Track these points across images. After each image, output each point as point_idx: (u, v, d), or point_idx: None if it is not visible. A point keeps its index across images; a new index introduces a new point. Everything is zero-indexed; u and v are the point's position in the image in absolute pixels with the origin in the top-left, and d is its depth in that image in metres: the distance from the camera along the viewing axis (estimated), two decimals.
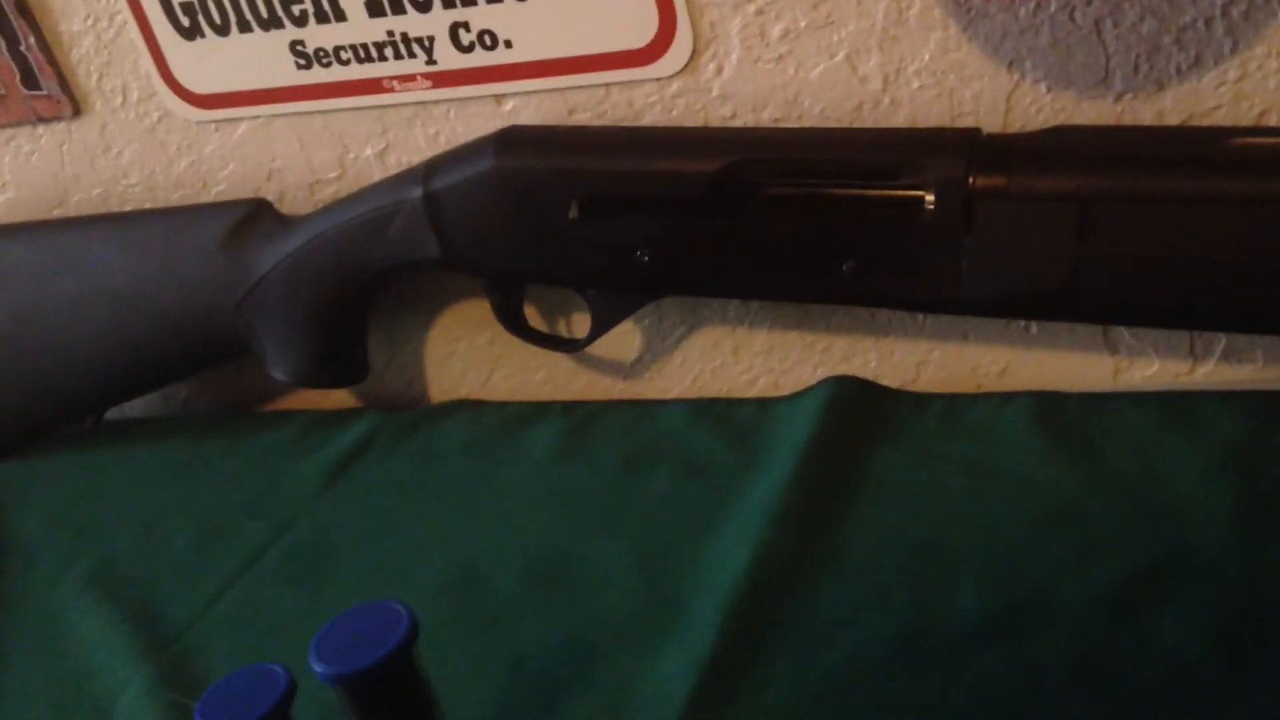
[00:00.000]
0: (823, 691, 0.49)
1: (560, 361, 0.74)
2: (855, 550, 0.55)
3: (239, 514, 0.70)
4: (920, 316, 0.65)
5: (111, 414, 0.80)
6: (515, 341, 0.72)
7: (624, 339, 0.71)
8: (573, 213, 0.57)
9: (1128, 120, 0.57)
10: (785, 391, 0.68)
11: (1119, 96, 0.57)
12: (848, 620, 0.52)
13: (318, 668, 0.41)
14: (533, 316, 0.71)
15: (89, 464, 0.77)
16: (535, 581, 0.59)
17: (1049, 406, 0.60)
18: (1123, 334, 0.62)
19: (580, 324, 0.71)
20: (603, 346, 0.71)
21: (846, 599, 0.53)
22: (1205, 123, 0.56)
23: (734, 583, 0.54)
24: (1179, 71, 0.55)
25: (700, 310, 0.69)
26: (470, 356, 0.76)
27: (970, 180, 0.53)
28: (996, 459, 0.58)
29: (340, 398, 0.80)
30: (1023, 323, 0.63)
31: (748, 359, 0.69)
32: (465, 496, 0.67)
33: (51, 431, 0.78)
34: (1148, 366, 0.62)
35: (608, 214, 0.57)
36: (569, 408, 0.72)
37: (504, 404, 0.75)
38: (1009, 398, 0.62)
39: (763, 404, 0.67)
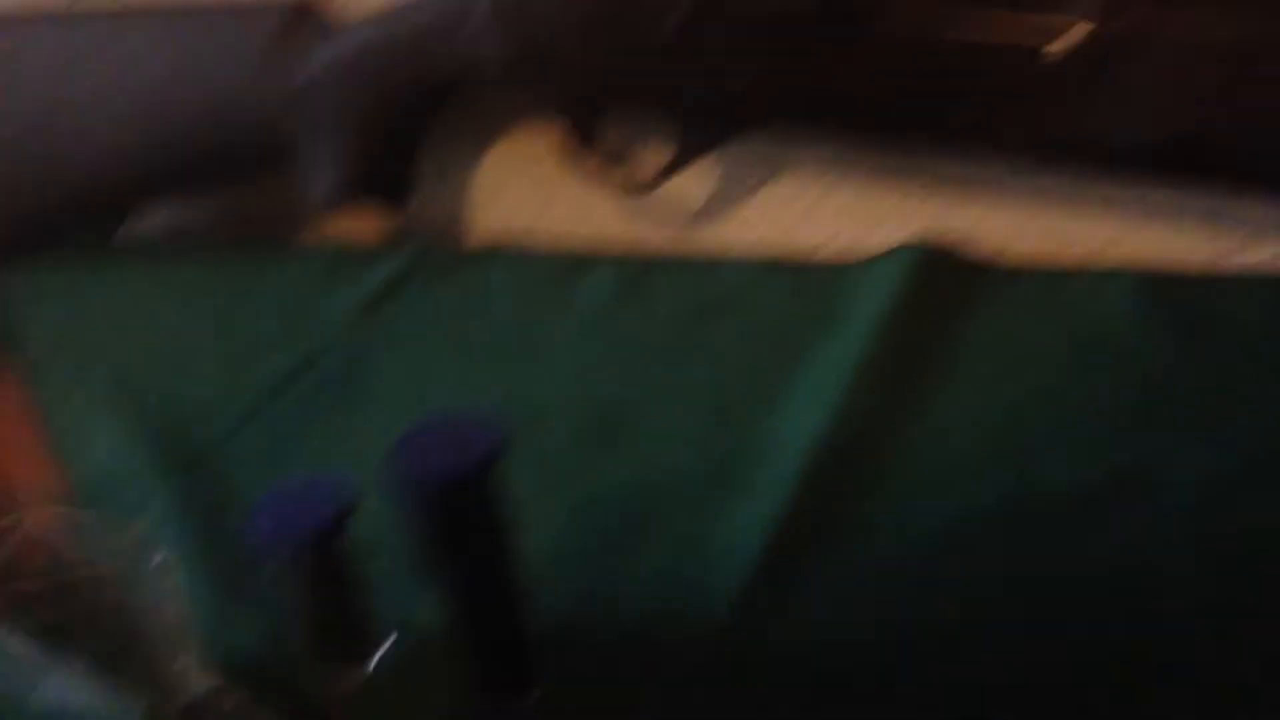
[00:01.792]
0: (908, 559, 0.46)
1: (615, 208, 0.70)
2: (945, 418, 0.51)
3: (265, 341, 0.65)
4: (1018, 182, 0.60)
5: (124, 233, 0.75)
6: (569, 183, 0.68)
7: (689, 187, 0.66)
8: (672, 21, 0.52)
9: None
10: (863, 255, 0.63)
11: None
12: (938, 488, 0.48)
13: (395, 474, 0.37)
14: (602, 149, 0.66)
15: (101, 279, 0.72)
16: (592, 429, 0.55)
17: (1155, 284, 0.56)
18: (1239, 211, 0.57)
19: (653, 163, 0.65)
20: (665, 194, 0.67)
21: (935, 466, 0.49)
22: None
23: (813, 442, 0.50)
24: None
25: (778, 160, 0.64)
26: (519, 195, 0.71)
27: (1107, 18, 0.48)
28: (1097, 333, 0.54)
29: (371, 232, 0.75)
30: (1129, 195, 0.58)
31: (824, 217, 0.65)
32: (514, 341, 0.62)
33: (68, 234, 0.72)
34: (1261, 249, 0.58)
35: (711, 25, 0.52)
36: (623, 258, 0.67)
37: (551, 250, 0.70)
38: (1111, 274, 0.57)
39: (837, 266, 0.63)
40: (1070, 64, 0.49)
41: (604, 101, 0.60)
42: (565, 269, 0.67)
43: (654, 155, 0.65)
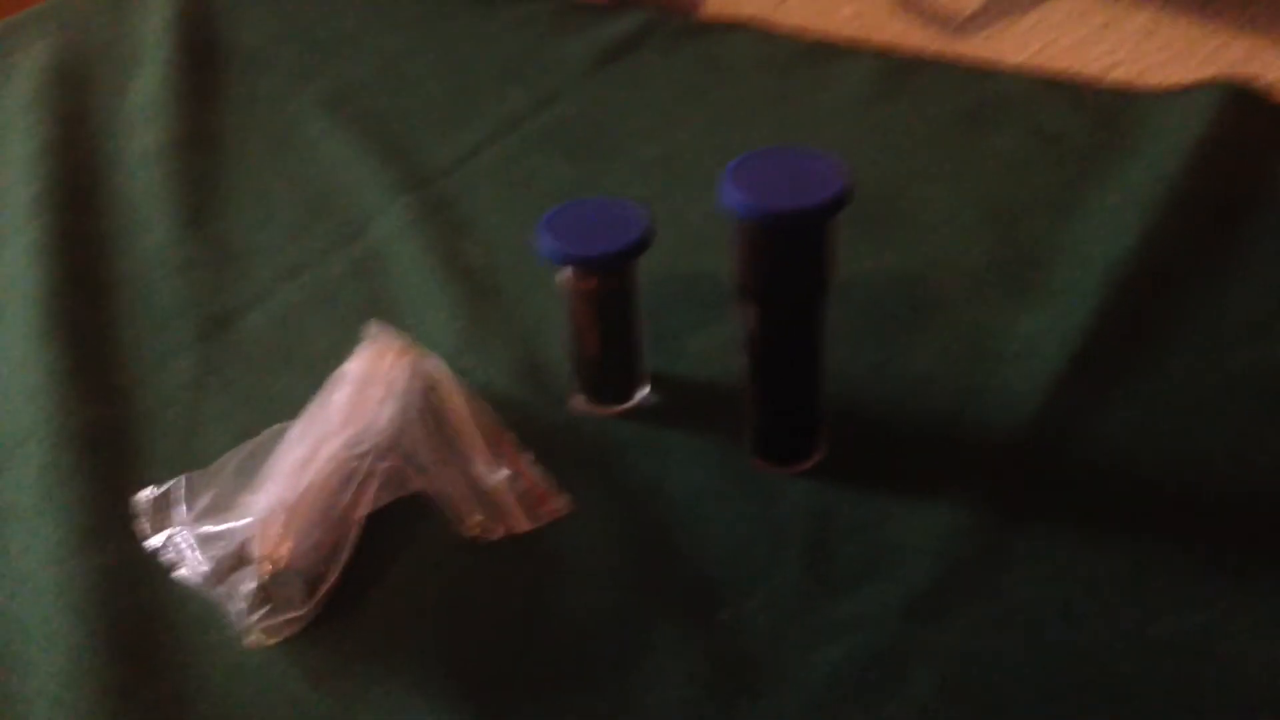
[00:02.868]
0: (1211, 399, 0.42)
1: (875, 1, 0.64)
2: (1259, 263, 0.47)
3: (495, 74, 0.61)
4: None
5: None
6: None
7: None
8: None
9: None
10: (1148, 84, 0.58)
11: None
12: (1253, 335, 0.44)
13: (739, 196, 0.34)
14: None
15: None
16: (857, 211, 0.51)
17: None
18: None
19: None
20: None
21: (1250, 311, 0.45)
22: None
23: (1118, 262, 0.46)
24: None
25: None
26: None
27: None
28: None
29: None
30: None
31: (1117, 39, 0.59)
32: (765, 112, 0.58)
33: None
34: None
35: None
36: (884, 51, 0.62)
37: (799, 32, 0.65)
38: None
39: (1127, 92, 0.57)
40: None
41: None
42: (818, 53, 0.62)
43: None
